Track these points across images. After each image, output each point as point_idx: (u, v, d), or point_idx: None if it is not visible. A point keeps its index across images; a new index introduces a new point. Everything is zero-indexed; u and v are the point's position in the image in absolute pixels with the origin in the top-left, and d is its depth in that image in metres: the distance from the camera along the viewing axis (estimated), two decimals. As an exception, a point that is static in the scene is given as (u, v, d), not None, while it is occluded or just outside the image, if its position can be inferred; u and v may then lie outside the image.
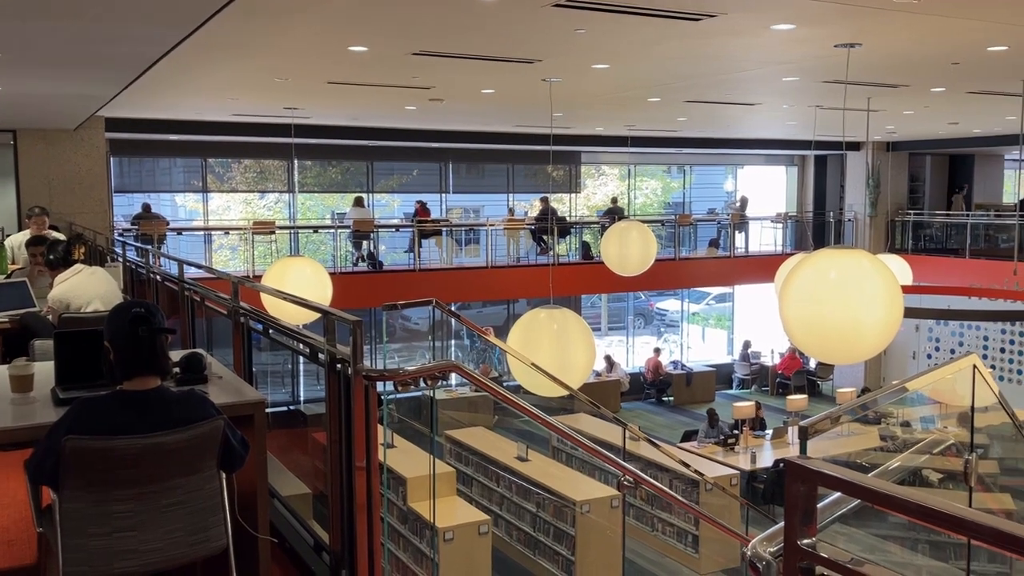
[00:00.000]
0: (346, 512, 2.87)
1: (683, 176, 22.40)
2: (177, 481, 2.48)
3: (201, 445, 2.50)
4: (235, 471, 2.68)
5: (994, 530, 1.08)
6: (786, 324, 5.26)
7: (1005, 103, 10.59)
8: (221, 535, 2.57)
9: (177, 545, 2.47)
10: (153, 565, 2.44)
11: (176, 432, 2.44)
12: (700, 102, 10.93)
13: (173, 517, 2.47)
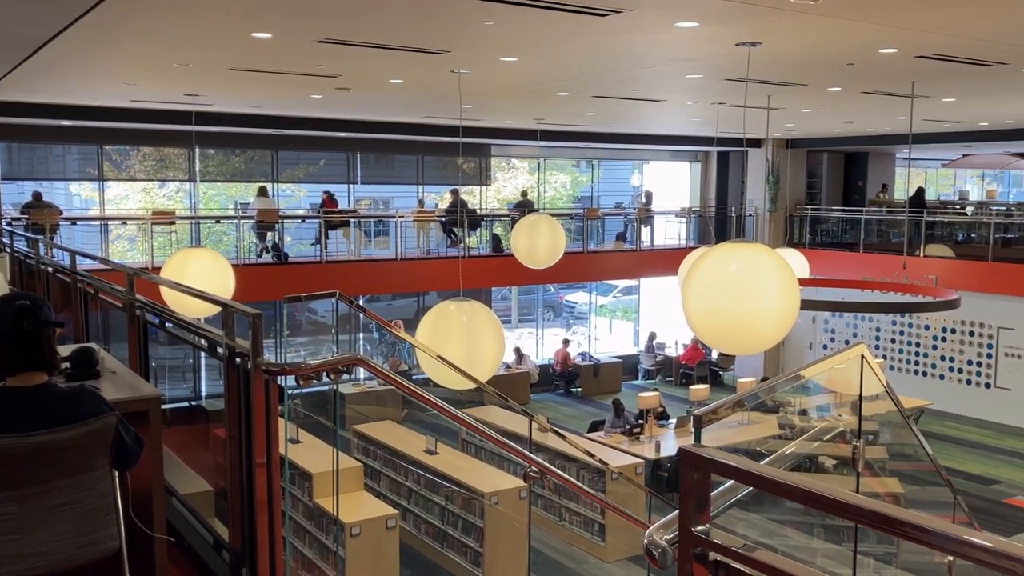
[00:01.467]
0: (246, 509, 2.81)
1: (591, 170, 22.66)
2: (66, 481, 2.37)
3: (92, 443, 2.40)
4: (129, 469, 2.59)
5: (872, 512, 1.13)
6: (688, 316, 5.38)
7: (896, 103, 11.05)
8: (113, 536, 2.47)
9: (65, 548, 2.37)
10: (39, 569, 2.33)
11: (65, 430, 2.34)
12: (607, 97, 11.07)
13: (61, 518, 2.37)
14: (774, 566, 1.32)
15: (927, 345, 17.00)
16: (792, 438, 10.20)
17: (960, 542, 1.08)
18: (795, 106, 12.18)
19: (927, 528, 1.09)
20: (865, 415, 7.55)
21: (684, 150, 20.46)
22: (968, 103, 11.70)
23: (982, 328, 16.09)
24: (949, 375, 16.63)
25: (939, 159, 25.87)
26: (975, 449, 14.48)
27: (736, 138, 15.97)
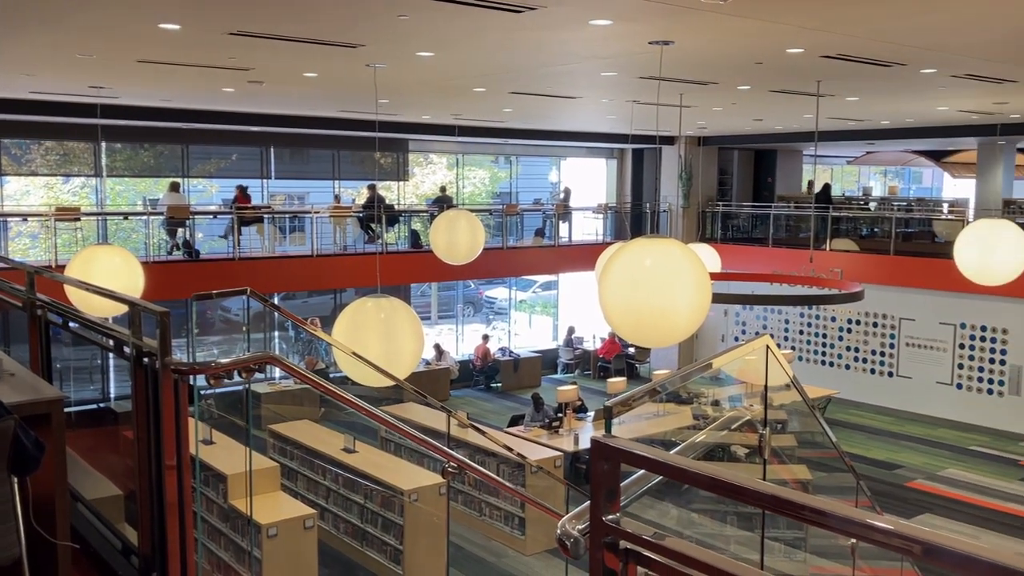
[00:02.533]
0: (156, 512, 2.74)
1: (510, 166, 22.74)
2: (-39, 488, 2.28)
3: (-12, 448, 2.31)
4: (29, 474, 2.50)
5: (771, 496, 1.17)
6: (605, 310, 5.45)
7: (803, 102, 11.39)
8: (13, 544, 2.38)
9: (-39, 557, 2.28)
10: (-68, 581, 2.24)
11: (-41, 435, 2.24)
12: (524, 94, 11.12)
13: (-43, 527, 2.27)
14: (683, 552, 1.35)
15: (833, 336, 17.60)
16: (704, 428, 10.45)
17: (854, 523, 1.13)
18: (707, 104, 12.45)
19: (824, 511, 1.14)
20: (774, 405, 7.78)
21: (601, 147, 20.70)
22: (871, 102, 12.14)
23: (885, 319, 16.74)
24: (854, 365, 17.25)
25: (844, 156, 26.77)
26: (879, 435, 15.06)
27: (650, 135, 16.24)
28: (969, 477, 12.93)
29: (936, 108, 12.79)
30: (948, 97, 11.29)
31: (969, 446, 14.42)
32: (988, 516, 11.40)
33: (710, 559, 1.31)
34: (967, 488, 12.48)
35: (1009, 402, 15.09)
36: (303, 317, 12.15)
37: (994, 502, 11.92)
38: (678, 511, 9.92)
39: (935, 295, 15.55)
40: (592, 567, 1.39)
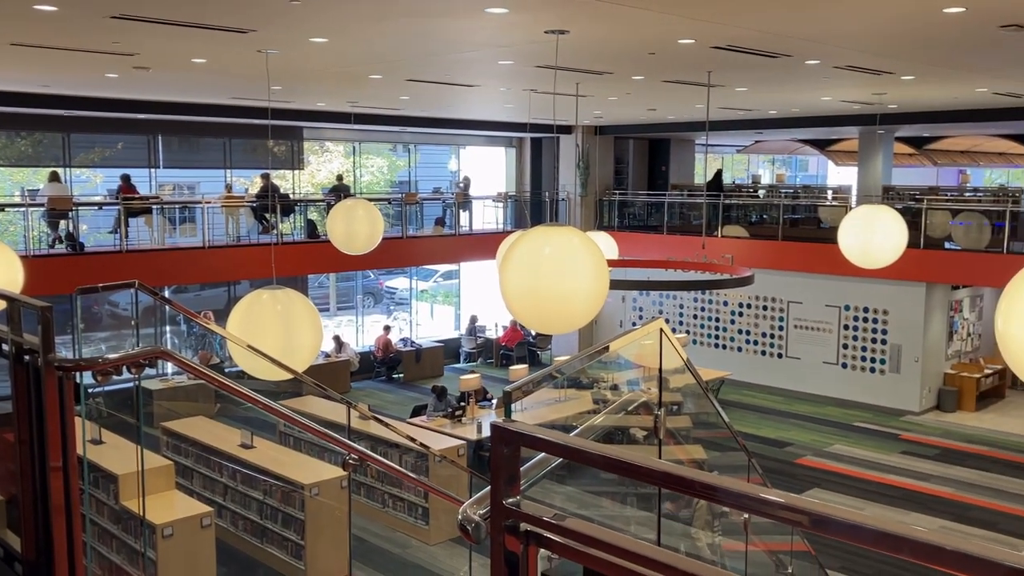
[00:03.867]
0: (40, 516, 2.62)
1: (408, 155, 22.57)
2: None
3: None
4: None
5: (663, 473, 1.20)
6: (506, 298, 5.49)
7: (694, 92, 11.67)
8: None
9: None
10: None
11: None
12: (421, 81, 11.05)
13: None
14: (583, 533, 1.38)
15: (726, 320, 18.16)
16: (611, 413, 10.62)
17: (740, 496, 1.18)
18: (603, 94, 12.62)
19: (713, 485, 1.18)
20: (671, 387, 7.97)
21: (500, 136, 20.76)
22: (759, 92, 12.54)
23: (774, 303, 17.36)
24: (746, 347, 17.85)
25: (734, 145, 27.58)
26: (770, 415, 15.64)
27: (548, 124, 16.37)
28: (854, 452, 13.56)
29: (820, 98, 13.31)
30: (831, 88, 11.76)
31: (853, 422, 15.12)
32: (872, 488, 11.98)
33: (609, 537, 1.34)
34: (852, 463, 13.08)
35: (890, 379, 15.89)
36: (196, 311, 11.80)
37: (877, 475, 12.54)
38: (582, 494, 10.08)
39: (821, 279, 16.21)
40: (493, 550, 1.41)
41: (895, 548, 1.13)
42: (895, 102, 13.80)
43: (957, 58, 8.97)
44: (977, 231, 15.17)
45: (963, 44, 8.00)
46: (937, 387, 15.92)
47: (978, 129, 20.24)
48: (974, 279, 15.73)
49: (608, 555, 1.31)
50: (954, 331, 16.64)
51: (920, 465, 12.92)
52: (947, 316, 16.28)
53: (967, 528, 10.62)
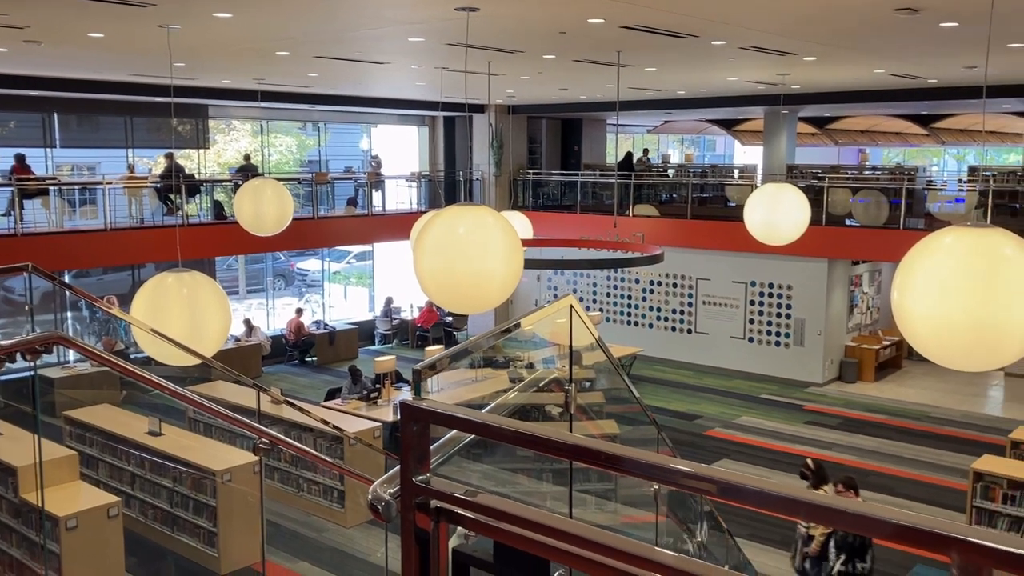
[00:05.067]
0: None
1: (319, 134, 22.18)
2: None
3: None
4: None
5: (571, 446, 1.22)
6: (420, 278, 5.46)
7: (605, 72, 11.77)
8: None
9: None
10: None
11: None
12: (330, 58, 10.85)
13: None
14: (493, 507, 1.39)
15: (638, 297, 18.47)
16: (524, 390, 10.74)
17: (647, 466, 1.20)
18: (514, 73, 12.62)
19: (619, 456, 1.20)
20: (585, 364, 8.07)
21: (412, 114, 20.57)
22: (668, 73, 12.73)
23: (684, 279, 17.73)
24: (657, 323, 18.20)
25: (645, 125, 27.96)
26: (680, 389, 16.01)
27: (461, 103, 16.29)
28: (761, 423, 14.00)
29: (727, 79, 13.59)
30: (737, 68, 12.01)
31: (760, 394, 15.60)
32: (778, 458, 12.40)
33: (519, 511, 1.35)
34: (759, 433, 13.51)
35: (794, 352, 16.43)
36: (99, 295, 11.39)
37: (783, 445, 12.98)
38: (497, 471, 10.16)
39: (728, 256, 16.62)
40: (403, 528, 1.40)
41: (795, 511, 1.17)
42: (798, 83, 14.19)
43: (856, 40, 9.27)
44: (876, 208, 15.76)
45: (861, 26, 8.27)
46: (839, 359, 16.55)
47: (877, 109, 21.00)
48: (873, 254, 16.36)
49: (519, 528, 1.32)
50: (854, 305, 17.30)
51: (823, 434, 13.42)
52: (848, 290, 16.91)
53: (867, 493, 11.09)
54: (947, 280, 3.59)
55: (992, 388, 15.88)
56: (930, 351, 3.77)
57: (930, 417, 14.22)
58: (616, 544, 1.31)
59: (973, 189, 15.94)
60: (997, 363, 3.75)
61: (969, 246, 3.60)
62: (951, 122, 22.55)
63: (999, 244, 3.57)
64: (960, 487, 10.09)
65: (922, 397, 15.31)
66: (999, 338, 3.57)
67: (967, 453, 11.21)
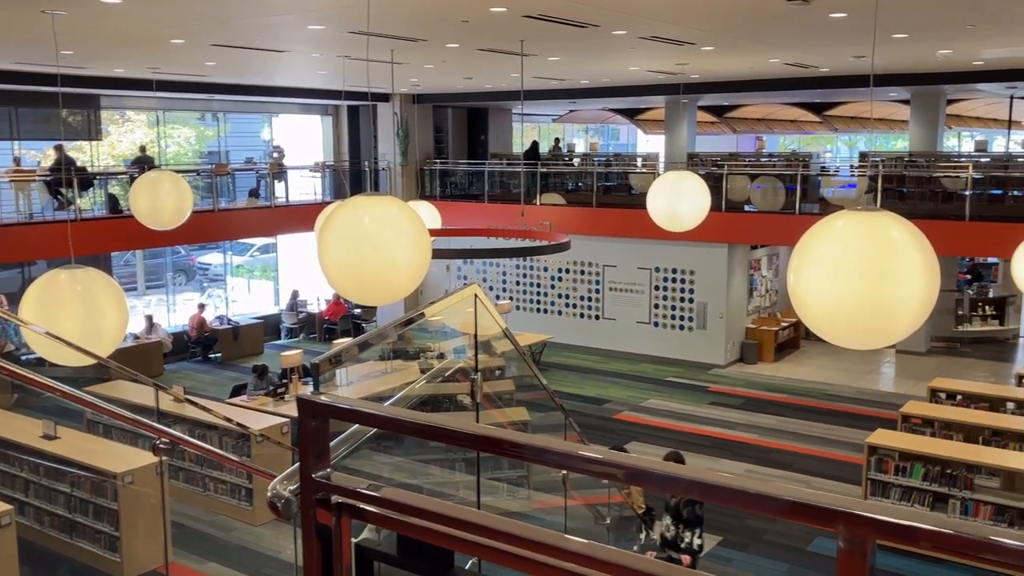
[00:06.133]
0: None
1: (218, 124, 21.58)
2: None
3: None
4: None
5: (471, 436, 1.22)
6: (326, 270, 5.36)
7: (509, 61, 11.79)
8: None
9: None
10: None
11: None
12: (228, 46, 10.55)
13: None
14: (396, 501, 1.37)
15: (546, 285, 18.63)
16: (431, 381, 10.70)
17: (549, 452, 1.21)
18: (418, 61, 12.52)
19: (520, 443, 1.20)
20: (496, 352, 8.08)
21: (314, 103, 20.20)
22: (571, 62, 12.83)
23: (591, 267, 17.96)
24: (566, 310, 18.39)
25: (550, 114, 28.15)
26: (589, 374, 16.23)
27: (364, 92, 16.08)
28: (667, 405, 14.31)
29: (628, 68, 13.78)
30: (638, 58, 12.20)
31: (666, 377, 15.94)
32: (685, 439, 12.70)
33: (422, 503, 1.34)
34: (666, 415, 13.81)
35: (697, 335, 16.84)
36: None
37: (689, 425, 13.30)
38: (409, 463, 10.11)
39: (633, 243, 16.90)
40: (304, 525, 1.38)
41: (685, 490, 1.20)
42: (697, 72, 14.50)
43: (751, 30, 9.52)
44: (772, 194, 16.26)
45: (755, 17, 8.50)
46: (740, 341, 17.03)
47: (772, 98, 21.64)
48: (770, 239, 16.89)
49: (422, 521, 1.31)
50: (754, 288, 17.83)
51: (727, 414, 13.81)
52: (747, 274, 17.41)
53: (769, 470, 11.48)
54: (839, 262, 3.73)
55: (884, 365, 16.61)
56: (825, 331, 3.91)
57: (827, 395, 14.78)
58: (521, 532, 1.31)
59: (864, 174, 16.60)
60: (888, 340, 3.92)
61: (860, 229, 3.75)
62: (842, 110, 23.41)
63: (888, 227, 3.72)
64: (856, 461, 10.52)
65: (819, 376, 15.90)
66: (889, 317, 3.73)
67: (862, 428, 11.70)
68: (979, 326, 18.01)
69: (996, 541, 1.04)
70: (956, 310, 17.73)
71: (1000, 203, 15.15)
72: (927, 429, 10.28)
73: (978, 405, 10.90)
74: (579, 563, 1.27)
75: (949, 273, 16.45)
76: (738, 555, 9.16)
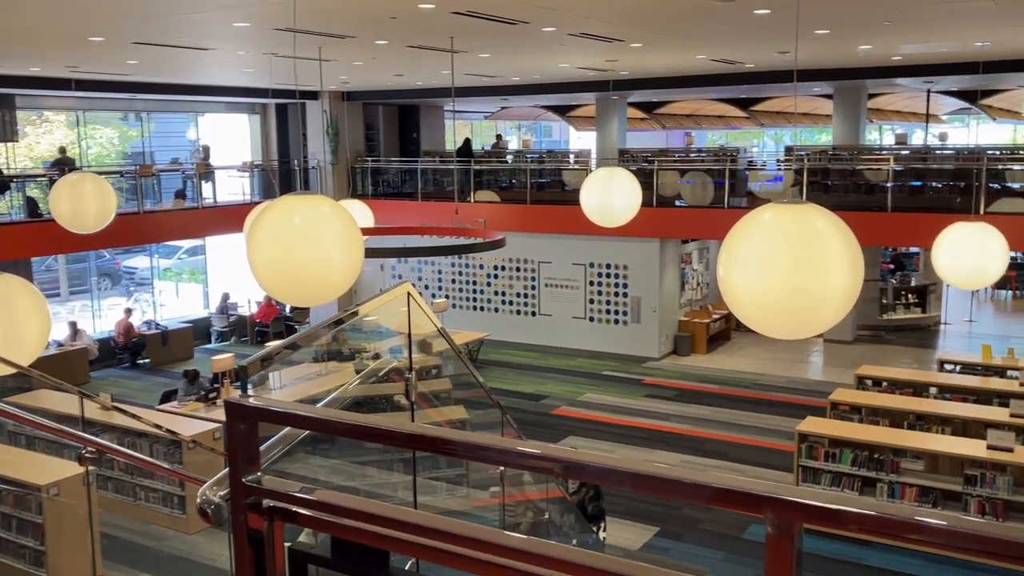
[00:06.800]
0: None
1: (141, 124, 21.04)
2: None
3: None
4: None
5: (403, 434, 1.21)
6: (255, 272, 5.27)
7: (439, 58, 11.74)
8: None
9: None
10: None
11: None
12: (150, 44, 10.29)
13: None
14: (329, 503, 1.35)
15: (483, 282, 18.62)
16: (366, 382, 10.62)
17: (481, 448, 1.21)
18: (347, 58, 12.39)
19: (453, 440, 1.20)
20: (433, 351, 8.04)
21: (241, 102, 19.84)
22: (502, 59, 12.83)
23: (526, 263, 18.01)
24: (502, 308, 18.42)
25: (482, 111, 28.13)
26: (527, 370, 16.28)
27: (292, 90, 15.86)
28: (604, 399, 14.44)
29: (559, 65, 13.85)
30: (568, 55, 12.26)
31: (602, 371, 16.08)
32: (621, 431, 12.84)
33: (356, 504, 1.33)
34: (602, 409, 13.94)
35: (632, 329, 17.03)
36: None
37: (625, 418, 13.44)
38: (347, 466, 9.99)
39: (567, 239, 17.00)
40: (235, 530, 1.35)
41: (619, 482, 1.20)
42: (626, 69, 14.65)
43: (677, 27, 9.65)
44: (702, 189, 16.52)
45: (682, 14, 8.62)
46: (673, 334, 17.27)
47: (700, 94, 21.98)
48: (700, 233, 17.16)
49: (356, 522, 1.30)
50: (685, 282, 18.09)
51: (661, 406, 14.00)
52: (679, 268, 17.66)
53: (704, 460, 11.67)
54: (767, 255, 3.81)
55: (813, 354, 17.02)
56: (754, 322, 3.99)
57: (758, 384, 15.09)
58: (457, 530, 1.30)
59: (789, 168, 16.98)
60: (815, 330, 4.01)
61: (786, 222, 3.83)
62: (768, 105, 23.90)
63: (813, 219, 3.81)
64: (788, 448, 10.77)
65: (750, 366, 16.22)
66: (815, 306, 3.82)
67: (792, 416, 11.97)
68: (902, 314, 18.59)
69: (920, 521, 1.08)
70: (880, 299, 18.27)
71: (920, 194, 15.66)
72: (855, 415, 10.57)
73: (903, 391, 11.25)
74: (517, 559, 1.27)
75: (873, 263, 16.95)
76: (674, 544, 9.29)
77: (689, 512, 9.83)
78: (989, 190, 13.97)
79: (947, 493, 9.17)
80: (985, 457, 8.92)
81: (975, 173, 13.87)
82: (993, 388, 11.08)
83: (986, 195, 13.57)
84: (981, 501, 8.95)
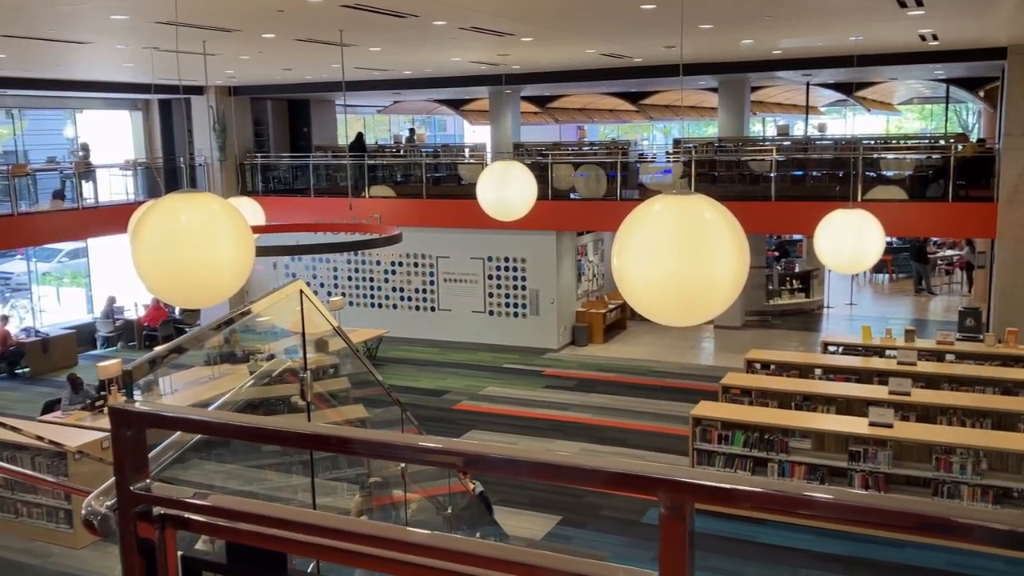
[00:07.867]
0: None
1: (13, 121, 19.98)
2: None
3: None
4: None
5: (296, 434, 1.19)
6: (141, 273, 5.09)
7: (329, 51, 11.56)
8: None
9: None
10: None
11: None
12: (18, 37, 9.78)
13: None
14: (223, 507, 1.32)
15: (380, 279, 18.45)
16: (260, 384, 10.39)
17: (377, 445, 1.20)
18: (233, 52, 12.06)
19: (349, 438, 1.19)
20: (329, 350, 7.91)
21: (122, 97, 19.06)
22: (393, 53, 12.72)
23: (424, 259, 17.93)
24: (401, 304, 18.29)
25: (374, 105, 27.83)
26: (427, 366, 16.23)
27: (176, 85, 15.33)
28: (505, 392, 14.53)
29: (451, 59, 13.82)
30: (460, 49, 12.25)
31: (503, 364, 16.17)
32: (523, 423, 12.94)
33: (250, 508, 1.30)
34: (503, 402, 14.02)
35: (531, 322, 17.17)
36: None
37: (526, 410, 13.55)
38: (243, 470, 9.76)
39: (465, 233, 17.00)
40: (124, 540, 1.30)
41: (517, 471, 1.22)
42: (518, 63, 14.73)
43: (566, 21, 9.77)
44: (595, 181, 16.78)
45: (570, 8, 8.72)
46: (571, 325, 17.50)
47: (591, 88, 22.31)
48: (595, 225, 17.43)
49: (251, 525, 1.27)
50: (582, 273, 18.35)
51: (561, 396, 14.17)
52: (575, 260, 17.89)
53: (603, 447, 11.88)
54: (658, 245, 3.91)
55: (704, 340, 17.53)
56: (648, 311, 4.09)
57: (653, 371, 15.45)
58: (356, 528, 1.29)
59: (678, 160, 17.41)
60: (705, 316, 4.14)
61: (675, 213, 3.94)
62: (657, 98, 24.45)
63: (701, 209, 3.93)
64: (683, 432, 11.06)
65: (646, 354, 16.59)
66: (705, 294, 3.94)
67: (687, 401, 12.28)
68: (788, 299, 19.33)
69: (807, 496, 1.12)
70: (767, 285, 18.95)
71: (802, 183, 16.30)
72: (745, 398, 10.94)
73: (789, 373, 11.70)
74: (421, 554, 1.27)
75: (758, 251, 17.56)
76: (577, 533, 9.43)
77: (591, 499, 10.00)
78: (865, 178, 14.66)
79: (833, 469, 9.59)
80: (867, 434, 9.37)
81: (852, 162, 14.53)
82: (873, 368, 11.64)
83: (863, 183, 14.23)
84: (864, 475, 9.41)
